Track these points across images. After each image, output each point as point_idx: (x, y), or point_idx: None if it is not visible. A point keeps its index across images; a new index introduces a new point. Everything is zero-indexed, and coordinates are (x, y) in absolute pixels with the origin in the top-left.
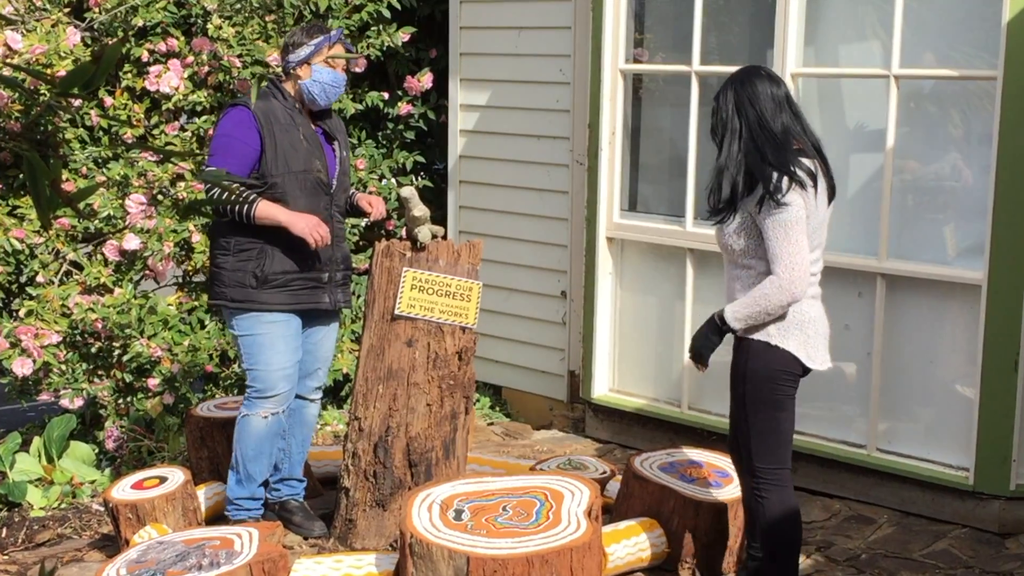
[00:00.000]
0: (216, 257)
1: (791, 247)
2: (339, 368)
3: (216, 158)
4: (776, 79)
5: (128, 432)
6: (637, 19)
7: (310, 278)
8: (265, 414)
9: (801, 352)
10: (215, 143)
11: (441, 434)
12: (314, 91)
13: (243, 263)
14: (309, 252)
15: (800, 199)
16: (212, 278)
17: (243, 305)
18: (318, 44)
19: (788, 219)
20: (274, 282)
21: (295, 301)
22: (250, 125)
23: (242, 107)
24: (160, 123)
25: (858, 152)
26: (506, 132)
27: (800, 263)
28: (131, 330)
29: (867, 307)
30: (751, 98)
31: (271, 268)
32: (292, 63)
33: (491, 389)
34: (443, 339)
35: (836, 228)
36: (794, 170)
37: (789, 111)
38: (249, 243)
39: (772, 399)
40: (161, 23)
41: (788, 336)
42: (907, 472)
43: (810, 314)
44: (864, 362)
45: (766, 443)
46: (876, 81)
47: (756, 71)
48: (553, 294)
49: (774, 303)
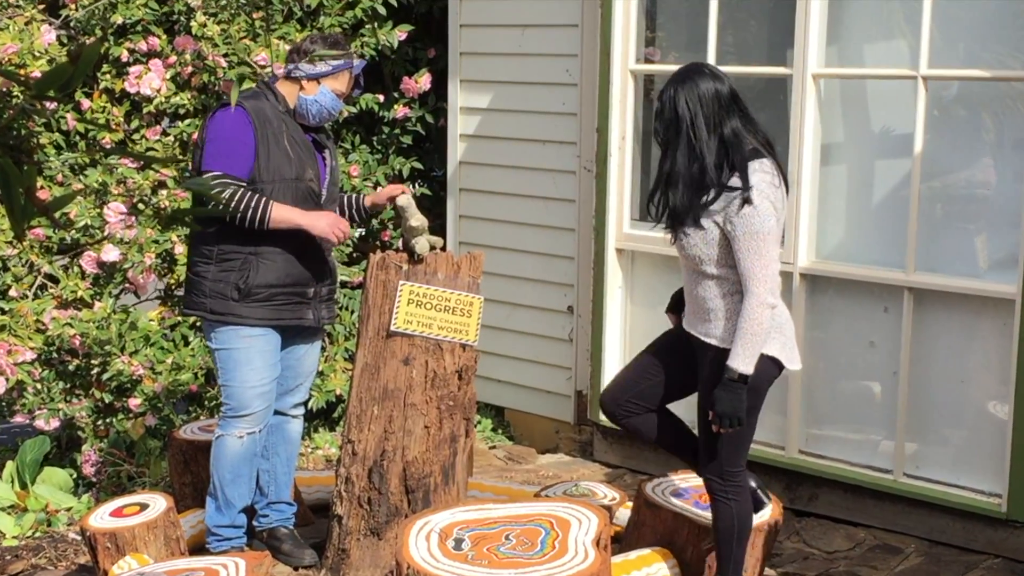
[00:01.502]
0: (196, 265)
1: (763, 260)
2: (332, 389)
3: (218, 161)
4: (720, 76)
5: (107, 456)
6: (649, 16)
7: (295, 293)
8: (240, 434)
9: (782, 355)
10: (214, 146)
11: (440, 458)
12: (311, 110)
13: (225, 273)
14: (295, 265)
15: (770, 205)
16: (190, 286)
17: (222, 318)
18: (337, 68)
19: (760, 231)
20: (257, 295)
21: (277, 316)
22: (246, 125)
23: (242, 110)
24: (141, 127)
25: (884, 158)
26: (509, 137)
27: (772, 274)
28: (110, 347)
29: (893, 323)
30: (700, 98)
31: (255, 280)
32: (303, 73)
33: (493, 410)
34: (442, 357)
35: (860, 239)
36: (758, 177)
37: (736, 109)
38: (234, 252)
39: (751, 407)
40: (142, 20)
41: (769, 341)
42: (936, 499)
43: (783, 315)
44: (890, 381)
45: (738, 449)
46: (903, 82)
47: (699, 69)
48: (559, 309)
49: (761, 323)
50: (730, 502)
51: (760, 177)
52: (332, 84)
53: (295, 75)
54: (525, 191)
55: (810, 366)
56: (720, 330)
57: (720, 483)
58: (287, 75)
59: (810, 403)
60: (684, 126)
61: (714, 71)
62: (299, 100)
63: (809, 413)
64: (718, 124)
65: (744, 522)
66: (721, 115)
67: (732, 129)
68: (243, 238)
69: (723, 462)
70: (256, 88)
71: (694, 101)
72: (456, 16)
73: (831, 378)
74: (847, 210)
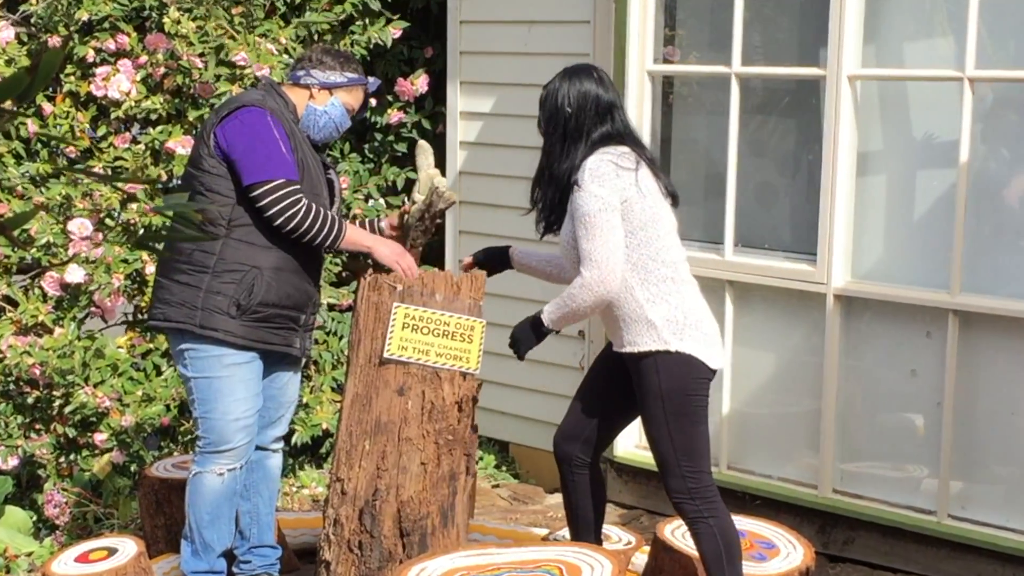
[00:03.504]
0: (184, 273)
1: (593, 242)
2: (318, 423)
3: (272, 165)
4: (605, 83)
5: (71, 496)
6: (668, 12)
7: (289, 317)
8: (220, 471)
9: (703, 352)
10: (263, 150)
11: (438, 498)
12: (319, 121)
13: (224, 286)
14: (296, 287)
15: (599, 187)
16: (168, 295)
17: (211, 334)
18: (352, 81)
19: (588, 211)
20: (257, 314)
21: (268, 340)
22: (280, 129)
23: (266, 110)
24: (108, 134)
25: (926, 167)
26: (514, 144)
27: (607, 259)
28: (74, 377)
29: (937, 349)
30: (579, 98)
31: (258, 298)
32: (316, 80)
33: (496, 445)
34: (440, 387)
35: (900, 257)
36: (595, 158)
37: (612, 121)
38: (238, 265)
39: (691, 412)
40: (109, 17)
41: (685, 338)
42: (984, 543)
43: (698, 311)
44: (933, 413)
45: (695, 461)
46: (947, 85)
47: (587, 70)
48: (569, 334)
49: (581, 303)
50: (707, 520)
51: (596, 159)
52: (344, 97)
53: (305, 81)
54: None
55: (846, 397)
56: (634, 334)
57: (691, 502)
58: (296, 81)
59: (845, 438)
60: (562, 120)
61: (601, 76)
62: (306, 110)
63: (844, 449)
64: (591, 127)
65: (729, 539)
66: (594, 120)
67: (601, 134)
68: (248, 250)
69: (686, 479)
70: (262, 87)
71: (574, 99)
72: (456, 12)
73: (868, 410)
74: (886, 225)
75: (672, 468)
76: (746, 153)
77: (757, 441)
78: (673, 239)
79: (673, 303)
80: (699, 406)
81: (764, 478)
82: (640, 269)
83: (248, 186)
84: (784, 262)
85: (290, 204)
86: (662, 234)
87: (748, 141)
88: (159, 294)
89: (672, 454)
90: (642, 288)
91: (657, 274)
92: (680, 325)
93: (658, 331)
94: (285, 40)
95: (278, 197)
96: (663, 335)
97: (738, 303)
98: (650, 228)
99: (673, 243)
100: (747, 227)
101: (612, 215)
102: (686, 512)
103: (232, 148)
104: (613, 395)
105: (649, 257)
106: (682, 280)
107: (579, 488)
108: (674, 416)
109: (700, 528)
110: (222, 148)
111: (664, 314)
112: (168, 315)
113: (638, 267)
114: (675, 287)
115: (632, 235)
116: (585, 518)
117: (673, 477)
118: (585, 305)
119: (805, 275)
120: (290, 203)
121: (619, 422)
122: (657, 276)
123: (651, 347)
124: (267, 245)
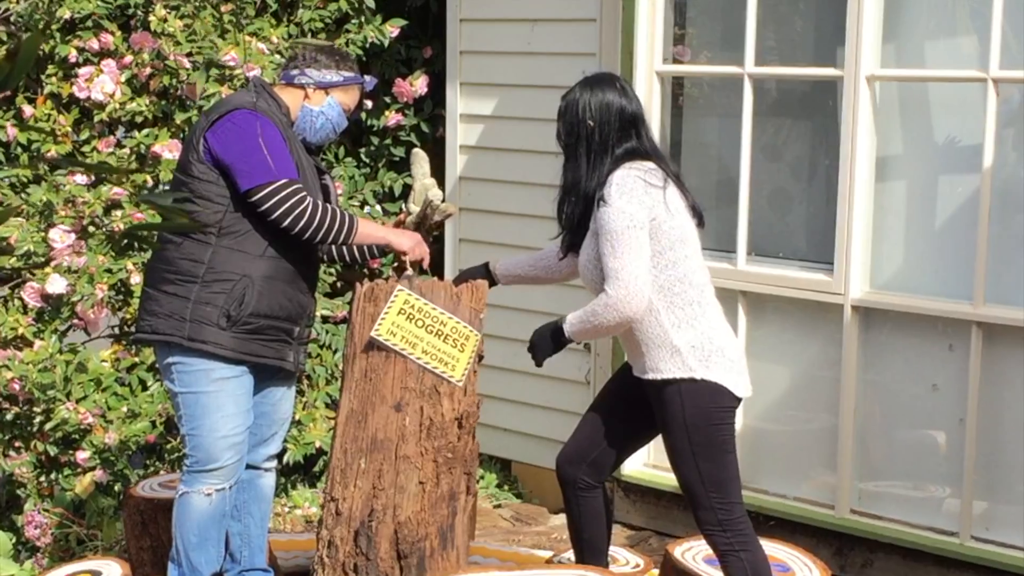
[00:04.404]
0: (171, 283)
1: (619, 260)
2: (311, 441)
3: (277, 166)
4: (629, 94)
5: (53, 517)
6: (678, 10)
7: (283, 329)
8: (208, 491)
9: (728, 380)
10: (261, 153)
11: (437, 519)
12: (316, 123)
13: (214, 295)
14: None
15: (627, 203)
16: (156, 306)
17: (201, 346)
18: (348, 80)
19: (615, 228)
20: (248, 326)
21: (260, 354)
22: (275, 131)
23: (258, 112)
24: (92, 138)
25: (948, 172)
26: (517, 148)
27: (633, 279)
28: (56, 392)
29: (959, 363)
30: (603, 109)
31: (249, 309)
32: (310, 79)
33: (498, 463)
34: (439, 402)
35: (921, 266)
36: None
37: (636, 132)
38: (228, 273)
39: (718, 442)
40: (93, 15)
41: (711, 365)
42: (1008, 566)
43: (724, 336)
44: (956, 430)
45: (725, 493)
46: (970, 86)
47: (610, 80)
48: (574, 347)
49: (604, 322)
50: (739, 554)
51: (623, 173)
52: (341, 97)
53: (300, 81)
54: (535, 211)
55: (864, 412)
56: (656, 359)
57: (722, 534)
58: (289, 81)
59: (863, 455)
60: (583, 133)
61: (624, 87)
62: (302, 111)
63: (862, 467)
64: (615, 142)
65: (760, 574)
66: (619, 134)
67: (625, 149)
68: (239, 257)
69: (716, 511)
70: (253, 88)
71: (596, 110)
72: (456, 9)
73: (887, 426)
74: (906, 233)
75: (701, 500)
76: (759, 158)
77: (771, 459)
78: (699, 261)
79: (699, 328)
80: (726, 435)
81: (779, 498)
82: (667, 292)
83: (248, 191)
84: (799, 272)
85: (296, 203)
86: (689, 255)
87: (762, 145)
88: (146, 305)
89: (700, 486)
90: (668, 312)
91: (684, 297)
92: (706, 352)
93: (683, 357)
94: (277, 39)
95: (283, 198)
96: (688, 362)
97: (751, 314)
98: (678, 248)
99: (699, 265)
100: (761, 235)
101: (640, 233)
102: (717, 545)
103: (225, 153)
104: (628, 419)
105: (677, 279)
106: (708, 304)
107: (583, 511)
108: (701, 447)
109: (731, 561)
110: (213, 153)
111: (690, 340)
112: (156, 327)
113: (665, 289)
114: (701, 311)
115: (660, 255)
116: (590, 541)
117: (703, 509)
118: (608, 324)
119: (821, 285)
120: (295, 202)
121: (630, 447)
122: (684, 299)
123: (675, 374)
124: (259, 253)
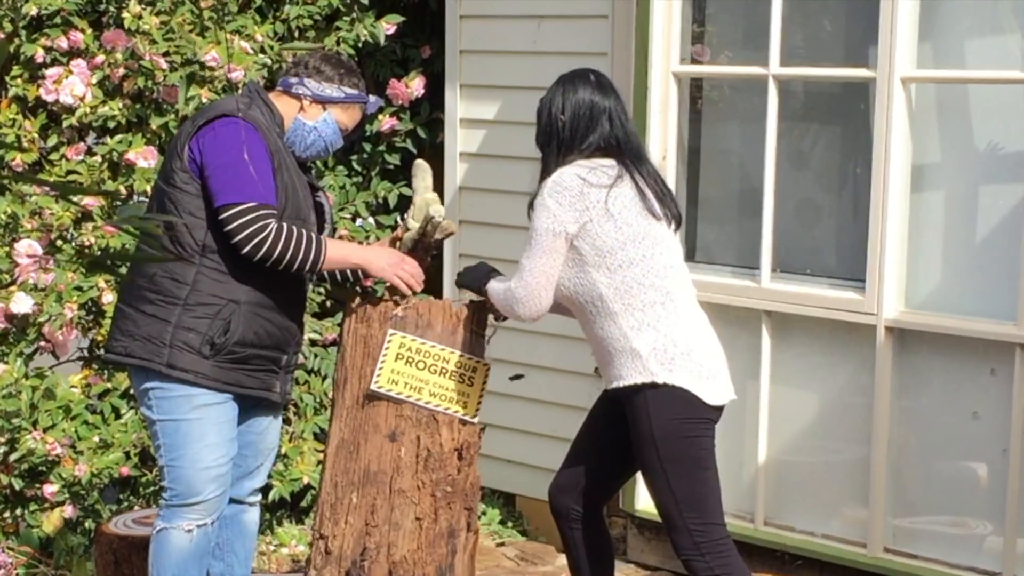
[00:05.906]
0: (150, 303)
1: (531, 261)
2: (298, 476)
3: (249, 187)
4: (605, 88)
5: (18, 556)
6: (696, 6)
7: (269, 358)
8: (189, 527)
9: (697, 386)
10: (236, 170)
11: (435, 558)
12: (308, 139)
13: (196, 321)
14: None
15: (554, 203)
16: (133, 327)
17: (181, 375)
18: (349, 97)
19: (538, 227)
20: (233, 355)
21: (245, 384)
22: (261, 145)
23: (245, 121)
24: (60, 144)
25: (989, 181)
26: (521, 156)
27: (535, 283)
28: (21, 420)
29: (1003, 388)
30: (571, 106)
31: (235, 337)
32: (308, 91)
33: (502, 498)
34: (437, 431)
35: (960, 284)
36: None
37: (610, 127)
38: (213, 298)
39: (691, 457)
40: (61, 11)
41: (675, 368)
42: None
43: (692, 340)
44: (998, 461)
45: (701, 513)
46: (1013, 88)
47: (584, 75)
48: (584, 371)
49: (505, 307)
50: None
51: (562, 171)
52: (339, 115)
53: (297, 91)
54: None
55: (899, 443)
56: (619, 366)
57: (700, 559)
58: (286, 89)
59: (898, 489)
60: (555, 131)
61: (600, 80)
62: (294, 123)
63: (897, 502)
64: (582, 138)
65: None
66: (588, 129)
67: (590, 144)
68: (225, 281)
69: (693, 534)
70: (247, 93)
71: (569, 108)
72: (456, 6)
73: (924, 457)
74: (944, 247)
75: (676, 522)
76: (785, 166)
77: (798, 493)
78: (666, 261)
79: (662, 330)
80: (702, 449)
81: (806, 535)
82: (623, 294)
83: (217, 208)
84: (828, 290)
85: (257, 230)
86: (648, 255)
87: (787, 152)
88: (121, 324)
89: (674, 506)
90: (626, 315)
91: (643, 299)
92: (669, 355)
93: (643, 361)
94: (261, 37)
95: (245, 222)
96: (649, 365)
97: (776, 336)
98: (631, 248)
99: (666, 265)
100: (786, 250)
101: (558, 241)
102: (696, 572)
103: (206, 164)
104: (610, 441)
105: (634, 281)
106: (675, 307)
107: (579, 544)
108: (672, 463)
109: None
110: (196, 162)
111: (651, 342)
112: (131, 350)
113: (621, 292)
114: (664, 312)
115: (607, 255)
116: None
117: (678, 532)
118: (506, 312)
119: (852, 304)
120: (256, 229)
121: (620, 472)
122: (643, 301)
123: (636, 379)
124: (246, 276)
